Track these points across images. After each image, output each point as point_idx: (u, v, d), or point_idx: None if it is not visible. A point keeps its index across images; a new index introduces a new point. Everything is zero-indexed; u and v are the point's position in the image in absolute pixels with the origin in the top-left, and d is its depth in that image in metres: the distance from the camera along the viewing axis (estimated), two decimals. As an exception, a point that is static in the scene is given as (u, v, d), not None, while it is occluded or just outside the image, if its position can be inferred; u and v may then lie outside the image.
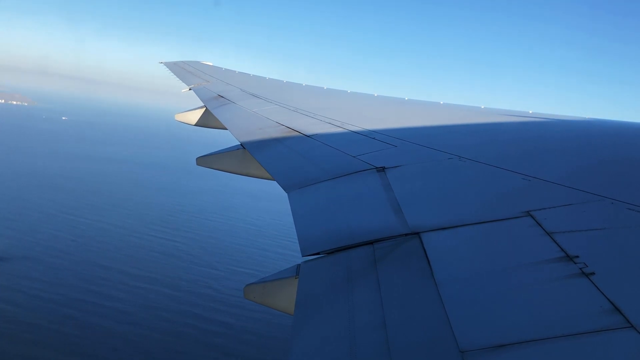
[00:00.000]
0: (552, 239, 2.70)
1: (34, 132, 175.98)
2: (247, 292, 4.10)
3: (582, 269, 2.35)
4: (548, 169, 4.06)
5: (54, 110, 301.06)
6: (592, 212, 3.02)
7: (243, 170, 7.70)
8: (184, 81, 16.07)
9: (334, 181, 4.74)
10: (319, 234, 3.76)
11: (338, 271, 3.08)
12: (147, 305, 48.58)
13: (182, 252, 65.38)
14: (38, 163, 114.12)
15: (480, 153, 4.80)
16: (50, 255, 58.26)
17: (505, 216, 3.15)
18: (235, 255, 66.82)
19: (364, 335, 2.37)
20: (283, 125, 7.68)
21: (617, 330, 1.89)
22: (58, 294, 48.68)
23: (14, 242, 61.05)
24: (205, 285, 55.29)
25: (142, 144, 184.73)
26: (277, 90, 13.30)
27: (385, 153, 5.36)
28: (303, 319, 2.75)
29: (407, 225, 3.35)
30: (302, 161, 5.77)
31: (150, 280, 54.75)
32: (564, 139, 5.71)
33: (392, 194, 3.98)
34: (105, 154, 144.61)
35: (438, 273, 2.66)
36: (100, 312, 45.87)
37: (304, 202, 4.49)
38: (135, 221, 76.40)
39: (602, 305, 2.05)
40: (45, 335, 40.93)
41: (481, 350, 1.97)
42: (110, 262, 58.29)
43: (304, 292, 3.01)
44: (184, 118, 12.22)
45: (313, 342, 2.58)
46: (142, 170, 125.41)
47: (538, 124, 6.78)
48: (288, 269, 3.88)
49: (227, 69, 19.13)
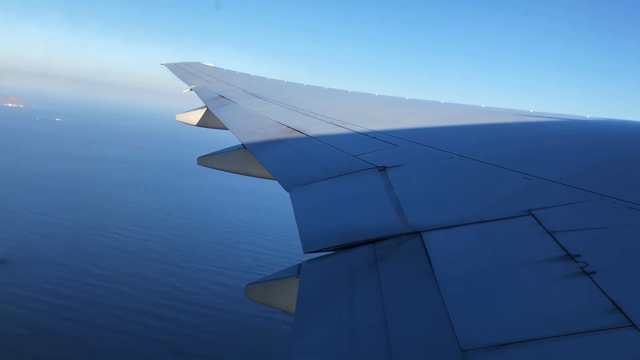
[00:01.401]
0: (553, 238, 2.70)
1: (23, 133, 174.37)
2: (248, 291, 4.10)
3: (583, 268, 2.34)
4: (549, 168, 4.05)
5: (50, 112, 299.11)
6: (593, 211, 3.01)
7: (244, 169, 7.71)
8: (185, 82, 16.09)
9: (335, 180, 4.74)
10: (320, 231, 3.76)
11: (339, 270, 3.08)
12: (97, 303, 48.83)
13: (148, 250, 65.14)
14: (20, 163, 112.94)
15: (481, 152, 4.80)
16: (10, 255, 58.52)
17: (506, 215, 3.15)
18: (203, 253, 66.54)
19: (365, 335, 2.37)
20: (284, 125, 7.68)
21: (618, 329, 1.89)
22: (11, 294, 49.03)
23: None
24: (166, 283, 55.30)
25: (137, 144, 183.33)
26: (278, 90, 13.30)
27: (387, 152, 5.36)
28: (304, 318, 2.75)
29: (408, 224, 3.35)
30: (303, 161, 5.77)
31: (108, 278, 54.85)
32: (564, 138, 5.71)
33: (394, 193, 3.98)
34: (95, 154, 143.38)
35: (439, 272, 2.66)
36: (48, 310, 46.19)
37: (305, 200, 4.49)
38: (109, 221, 75.98)
39: (603, 304, 2.05)
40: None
41: (482, 349, 1.97)
42: (71, 261, 58.30)
43: (305, 291, 3.01)
44: (185, 118, 12.23)
45: (314, 341, 2.58)
46: (129, 170, 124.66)
47: (539, 123, 6.77)
48: (289, 269, 3.88)
49: (228, 70, 19.15)
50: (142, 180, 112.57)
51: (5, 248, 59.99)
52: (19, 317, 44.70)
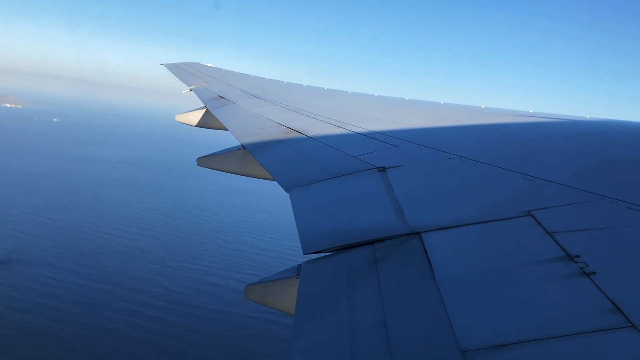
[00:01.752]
0: (552, 238, 2.70)
1: (19, 133, 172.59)
2: (247, 292, 4.10)
3: (583, 268, 2.35)
4: (548, 169, 4.06)
5: (48, 112, 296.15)
6: (593, 211, 3.02)
7: (243, 170, 7.71)
8: (184, 82, 16.09)
9: (335, 181, 4.74)
10: (319, 232, 3.76)
11: (339, 271, 3.08)
12: (83, 302, 48.51)
13: (138, 250, 64.47)
14: (13, 163, 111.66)
15: (480, 153, 4.80)
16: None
17: (505, 216, 3.15)
18: (192, 252, 65.86)
19: (365, 335, 2.37)
20: (283, 126, 7.68)
21: (618, 329, 1.89)
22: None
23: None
24: (156, 283, 54.89)
25: (136, 145, 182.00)
26: (278, 90, 13.31)
27: (386, 153, 5.36)
28: (304, 319, 2.75)
29: (408, 225, 3.35)
30: (303, 161, 5.77)
31: (97, 278, 54.55)
32: (564, 139, 5.71)
33: (393, 194, 3.98)
34: (92, 154, 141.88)
35: (439, 273, 2.66)
36: (33, 310, 45.91)
37: (305, 200, 4.49)
38: (102, 221, 75.22)
39: (603, 304, 2.05)
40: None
41: (482, 350, 1.97)
42: (60, 261, 57.96)
43: (305, 292, 3.01)
44: (185, 119, 12.23)
45: (314, 342, 2.58)
46: (128, 170, 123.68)
47: (538, 124, 6.77)
48: (289, 269, 3.88)
49: (228, 70, 19.16)
50: (140, 180, 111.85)
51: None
52: (3, 316, 44.29)
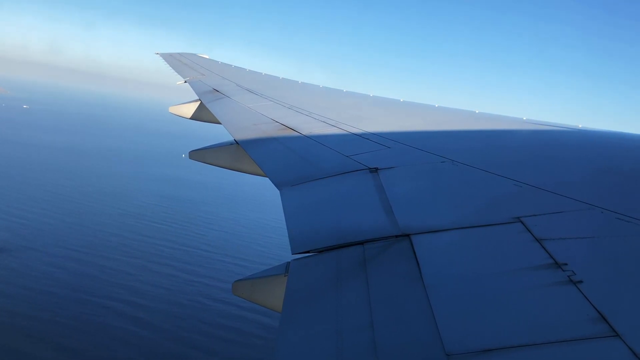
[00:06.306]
0: (541, 245, 2.71)
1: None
2: (235, 288, 4.08)
3: (570, 276, 2.36)
4: (540, 176, 4.08)
5: (21, 99, 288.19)
6: (582, 220, 3.04)
7: (236, 166, 7.65)
8: (179, 73, 15.95)
9: (327, 180, 4.73)
10: (309, 232, 3.75)
11: (327, 270, 3.07)
12: (46, 292, 47.70)
13: (123, 245, 63.29)
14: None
15: (473, 158, 4.82)
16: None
17: (495, 221, 3.16)
18: (168, 250, 64.64)
19: (351, 336, 2.36)
20: (278, 123, 7.65)
21: (602, 338, 1.90)
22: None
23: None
24: (130, 278, 54.09)
25: (127, 136, 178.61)
26: (273, 86, 13.26)
27: (379, 154, 5.36)
28: (291, 317, 2.74)
29: (398, 226, 3.35)
30: (296, 159, 5.76)
31: (67, 271, 53.60)
32: (556, 147, 5.75)
33: (385, 195, 3.98)
34: (65, 144, 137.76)
35: (427, 275, 2.66)
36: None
37: (295, 200, 4.48)
38: (82, 216, 73.39)
39: (588, 313, 2.06)
40: None
41: (467, 354, 1.97)
42: (24, 253, 56.91)
43: (293, 290, 3.00)
44: (178, 111, 12.14)
45: (299, 341, 2.57)
46: (112, 161, 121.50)
47: (531, 132, 6.81)
48: (277, 267, 3.86)
49: (223, 63, 19.04)
50: (124, 172, 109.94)
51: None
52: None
